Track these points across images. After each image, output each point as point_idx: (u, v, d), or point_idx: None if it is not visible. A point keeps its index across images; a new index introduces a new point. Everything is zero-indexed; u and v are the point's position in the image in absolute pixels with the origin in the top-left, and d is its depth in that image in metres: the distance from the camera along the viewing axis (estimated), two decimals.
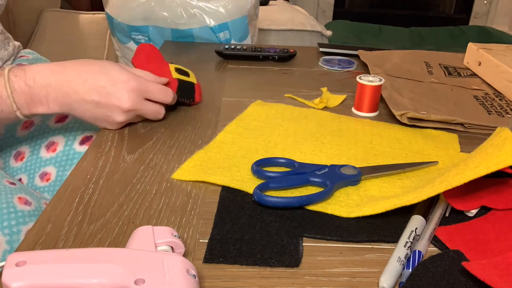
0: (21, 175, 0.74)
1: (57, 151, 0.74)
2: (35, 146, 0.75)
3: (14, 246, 0.57)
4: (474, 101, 0.75)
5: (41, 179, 0.73)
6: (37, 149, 0.74)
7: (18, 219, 0.59)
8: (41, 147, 0.74)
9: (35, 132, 0.76)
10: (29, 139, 0.75)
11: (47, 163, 0.73)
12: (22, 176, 0.74)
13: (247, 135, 0.61)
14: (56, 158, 0.73)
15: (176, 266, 0.34)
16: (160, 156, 0.56)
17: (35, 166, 0.73)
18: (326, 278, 0.39)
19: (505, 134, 0.46)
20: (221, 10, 1.13)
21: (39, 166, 0.73)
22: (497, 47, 0.89)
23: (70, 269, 0.32)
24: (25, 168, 0.74)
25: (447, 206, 0.47)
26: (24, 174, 0.74)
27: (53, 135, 0.75)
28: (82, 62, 0.60)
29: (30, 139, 0.75)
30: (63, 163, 0.73)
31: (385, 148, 0.59)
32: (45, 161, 0.73)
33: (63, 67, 0.58)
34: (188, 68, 0.73)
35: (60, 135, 0.75)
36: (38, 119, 0.77)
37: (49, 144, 0.74)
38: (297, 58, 0.97)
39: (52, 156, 0.73)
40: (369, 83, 0.68)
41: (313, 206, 0.47)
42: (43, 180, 0.73)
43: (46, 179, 0.73)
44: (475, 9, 3.57)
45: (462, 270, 0.38)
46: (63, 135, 0.75)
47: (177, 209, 0.47)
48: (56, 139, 0.75)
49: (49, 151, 0.74)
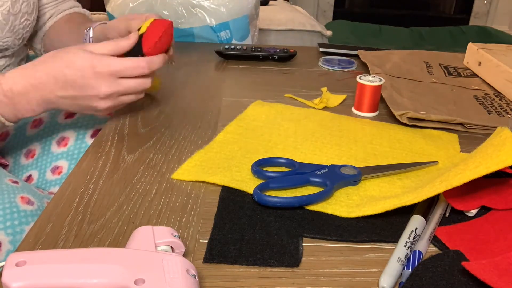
0: (31, 171, 0.74)
1: (68, 145, 0.74)
2: (46, 143, 0.75)
3: (17, 246, 0.57)
4: (474, 101, 0.75)
5: (53, 173, 0.73)
6: (48, 145, 0.75)
7: (21, 219, 0.59)
8: (52, 143, 0.75)
9: (45, 129, 0.76)
10: (39, 136, 0.76)
11: (59, 158, 0.73)
12: (33, 172, 0.74)
13: (247, 135, 0.61)
14: (68, 152, 0.73)
15: (176, 266, 0.34)
16: (160, 156, 0.56)
17: (47, 162, 0.74)
18: (326, 278, 0.39)
19: (505, 134, 0.46)
20: (222, 10, 1.13)
21: (50, 161, 0.74)
22: (497, 47, 0.89)
23: (70, 269, 0.32)
24: (36, 165, 0.74)
25: (447, 206, 0.47)
26: (34, 170, 0.74)
27: (63, 131, 0.75)
28: (48, 59, 0.58)
29: (41, 136, 0.76)
30: (75, 156, 0.73)
31: (385, 148, 0.59)
32: (56, 156, 0.74)
33: (34, 69, 0.58)
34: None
35: (70, 130, 0.75)
36: (47, 117, 0.77)
37: (60, 140, 0.74)
38: (297, 58, 0.97)
39: (63, 151, 0.74)
40: (369, 83, 0.68)
41: (313, 206, 0.47)
42: (54, 174, 0.73)
43: (58, 172, 0.73)
44: (475, 9, 3.57)
45: (462, 270, 0.38)
46: (73, 130, 0.75)
47: (177, 209, 0.47)
48: (66, 134, 0.75)
49: (60, 146, 0.74)
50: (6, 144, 0.77)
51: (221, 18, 1.13)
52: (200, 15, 1.13)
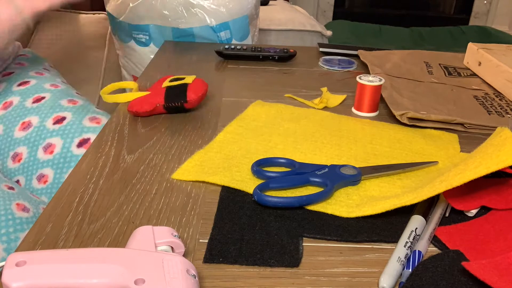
0: (18, 177, 0.74)
1: (54, 153, 0.74)
2: (33, 148, 0.75)
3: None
4: (474, 101, 0.75)
5: (38, 181, 0.73)
6: (35, 150, 0.74)
7: (16, 226, 0.58)
8: (39, 149, 0.74)
9: (32, 133, 0.76)
10: (27, 140, 0.75)
11: (44, 165, 0.73)
12: (20, 178, 0.74)
13: (247, 135, 0.61)
14: (54, 160, 0.73)
15: (176, 266, 0.34)
16: (160, 156, 0.56)
17: (32, 168, 0.73)
18: (326, 278, 0.39)
19: (505, 134, 0.46)
20: (222, 10, 1.13)
21: (36, 168, 0.73)
22: (497, 47, 0.89)
23: (70, 269, 0.32)
24: (22, 170, 0.74)
25: (447, 206, 0.47)
26: (21, 176, 0.74)
27: (50, 137, 0.75)
28: None
29: (28, 139, 0.75)
30: (61, 165, 0.73)
31: (385, 148, 0.59)
32: (42, 163, 0.73)
33: None
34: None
35: (57, 137, 0.75)
36: (35, 121, 0.77)
37: (47, 146, 0.74)
38: (297, 58, 0.97)
39: (49, 158, 0.73)
40: (369, 83, 0.68)
41: (313, 206, 0.47)
42: (40, 182, 0.73)
43: (44, 181, 0.73)
44: (475, 9, 3.57)
45: (462, 270, 0.38)
46: (60, 137, 0.75)
47: (177, 209, 0.47)
48: (53, 140, 0.75)
49: (46, 153, 0.74)
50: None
51: (221, 18, 1.13)
52: (200, 15, 1.13)
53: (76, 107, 0.80)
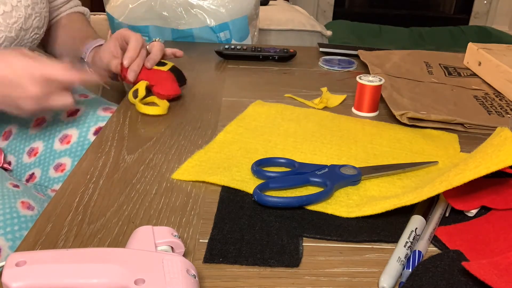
0: (34, 170, 0.74)
1: (71, 142, 0.74)
2: (49, 140, 0.75)
3: None
4: (474, 101, 0.75)
5: (56, 170, 0.73)
6: (51, 143, 0.75)
7: (21, 224, 0.59)
8: (55, 141, 0.75)
9: (47, 127, 0.76)
10: (42, 134, 0.76)
11: (62, 155, 0.74)
12: (36, 171, 0.74)
13: (247, 135, 0.61)
14: (71, 149, 0.73)
15: (176, 266, 0.34)
16: (160, 156, 0.56)
17: (49, 159, 0.74)
18: (326, 278, 0.39)
19: (505, 134, 0.46)
20: (222, 10, 1.13)
21: (53, 159, 0.74)
22: (497, 47, 0.89)
23: (70, 269, 0.32)
24: (38, 163, 0.74)
25: (447, 206, 0.47)
26: (37, 168, 0.74)
27: (66, 129, 0.75)
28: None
29: (43, 134, 0.76)
30: (78, 153, 0.73)
31: (385, 148, 0.59)
32: (59, 153, 0.74)
33: None
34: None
35: (73, 127, 0.75)
36: (49, 115, 0.77)
37: (63, 137, 0.75)
38: (297, 58, 0.97)
39: (66, 148, 0.74)
40: (369, 83, 0.68)
41: (313, 206, 0.47)
42: (57, 171, 0.73)
43: (61, 169, 0.73)
44: (475, 9, 3.57)
45: (462, 270, 0.38)
46: (76, 128, 0.75)
47: (177, 209, 0.47)
48: (69, 131, 0.75)
49: (63, 143, 0.74)
50: (8, 143, 0.77)
51: (221, 18, 1.13)
52: (199, 16, 1.13)
53: (87, 100, 0.81)
